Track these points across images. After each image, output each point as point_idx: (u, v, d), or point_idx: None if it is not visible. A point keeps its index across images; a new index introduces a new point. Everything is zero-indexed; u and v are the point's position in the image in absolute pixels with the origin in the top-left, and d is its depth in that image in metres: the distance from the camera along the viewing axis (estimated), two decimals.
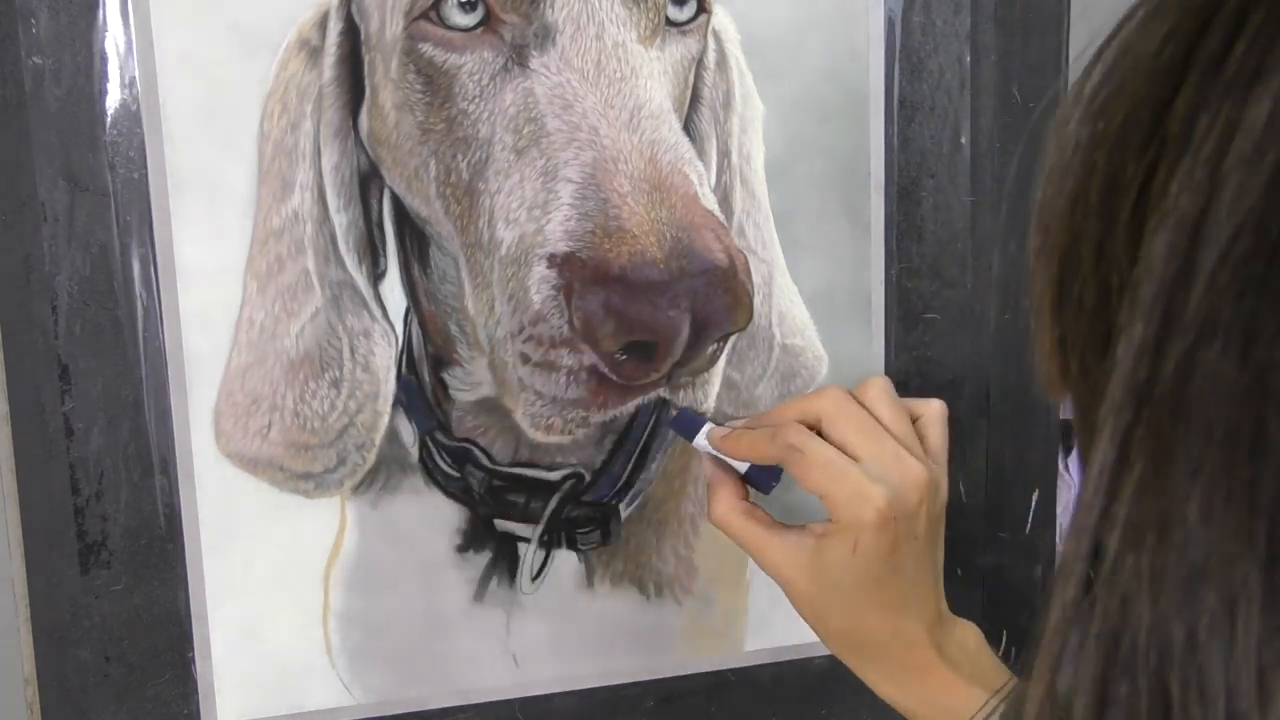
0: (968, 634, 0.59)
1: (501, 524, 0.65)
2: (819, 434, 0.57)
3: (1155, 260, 0.28)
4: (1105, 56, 0.32)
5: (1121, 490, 0.28)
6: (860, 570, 0.55)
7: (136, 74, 0.57)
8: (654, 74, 0.60)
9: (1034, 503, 0.73)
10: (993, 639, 0.73)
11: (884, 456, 0.56)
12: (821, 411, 0.57)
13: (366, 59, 0.60)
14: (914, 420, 0.59)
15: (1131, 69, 0.31)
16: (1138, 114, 0.30)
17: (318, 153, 0.60)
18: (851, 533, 0.54)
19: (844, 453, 0.56)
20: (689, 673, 0.69)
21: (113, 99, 0.57)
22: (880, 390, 0.58)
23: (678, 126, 0.60)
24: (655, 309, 0.56)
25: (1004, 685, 0.56)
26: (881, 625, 0.56)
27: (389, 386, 0.62)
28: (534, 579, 0.66)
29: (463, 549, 0.65)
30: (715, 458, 0.60)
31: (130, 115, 0.57)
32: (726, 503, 0.59)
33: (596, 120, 0.57)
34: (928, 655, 0.56)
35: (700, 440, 0.61)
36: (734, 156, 0.65)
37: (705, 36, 0.63)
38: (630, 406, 0.61)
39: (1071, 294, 0.32)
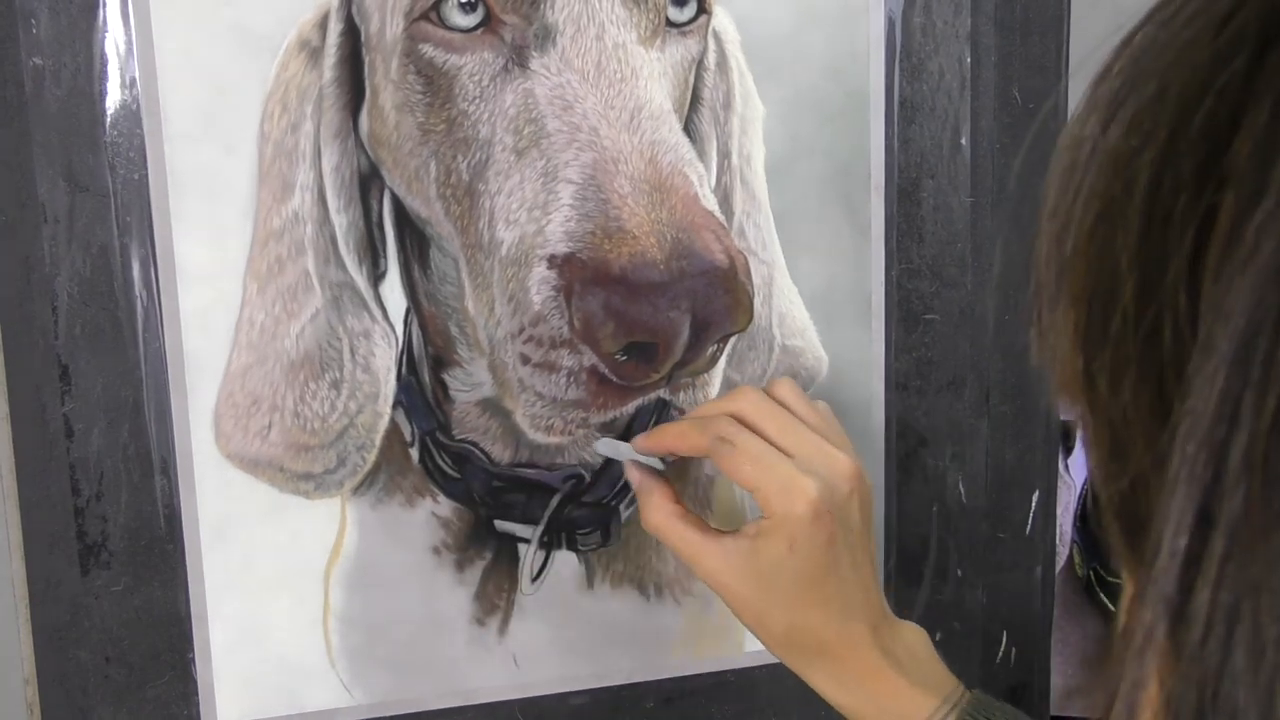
0: (915, 637, 0.58)
1: (502, 525, 0.65)
2: None
3: (1235, 308, 0.23)
4: (1131, 52, 0.28)
5: (1205, 565, 0.24)
6: (798, 566, 0.54)
7: (136, 74, 0.57)
8: (654, 75, 0.60)
9: (1034, 503, 0.73)
10: (993, 640, 0.73)
11: (810, 450, 0.55)
12: (741, 411, 0.56)
13: (367, 60, 0.60)
14: None
15: (1171, 69, 0.26)
16: (1185, 130, 0.25)
17: (318, 153, 0.60)
18: (786, 528, 0.53)
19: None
20: (689, 673, 0.69)
21: (113, 99, 0.57)
22: (790, 388, 0.58)
23: (678, 127, 0.60)
24: (655, 310, 0.56)
25: (953, 692, 0.55)
26: (824, 624, 0.55)
27: (389, 387, 0.62)
28: (534, 580, 0.66)
29: (463, 549, 0.65)
30: (642, 467, 0.59)
31: (130, 115, 0.57)
32: (662, 509, 0.57)
33: (597, 121, 0.57)
34: (873, 658, 0.55)
35: (624, 449, 0.60)
36: (734, 157, 0.65)
37: (705, 37, 0.63)
38: (630, 408, 0.61)
39: (1108, 325, 0.28)
